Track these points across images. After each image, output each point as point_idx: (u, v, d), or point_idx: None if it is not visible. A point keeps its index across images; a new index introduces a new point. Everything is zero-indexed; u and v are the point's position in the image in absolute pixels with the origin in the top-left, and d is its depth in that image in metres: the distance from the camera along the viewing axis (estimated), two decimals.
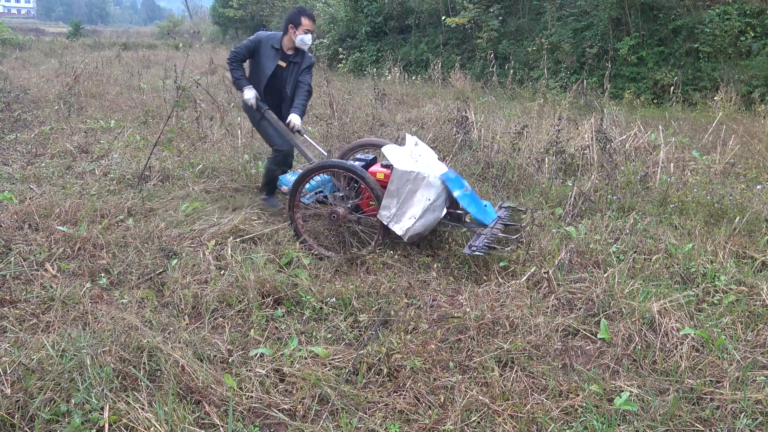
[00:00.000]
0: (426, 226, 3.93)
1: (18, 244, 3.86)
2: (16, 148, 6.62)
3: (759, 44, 10.72)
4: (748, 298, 3.42)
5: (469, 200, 4.00)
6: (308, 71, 4.70)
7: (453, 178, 4.00)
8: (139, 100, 9.73)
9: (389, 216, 3.91)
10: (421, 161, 4.12)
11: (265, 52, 4.60)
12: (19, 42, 22.14)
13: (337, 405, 2.48)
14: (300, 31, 4.53)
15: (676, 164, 5.82)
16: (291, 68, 4.66)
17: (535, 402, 2.56)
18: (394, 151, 4.10)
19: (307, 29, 4.54)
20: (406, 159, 4.07)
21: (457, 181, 4.03)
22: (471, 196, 4.04)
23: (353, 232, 4.15)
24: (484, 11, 14.62)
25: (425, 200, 3.86)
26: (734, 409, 2.51)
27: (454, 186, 3.99)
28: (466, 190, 4.03)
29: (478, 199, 4.09)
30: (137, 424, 2.25)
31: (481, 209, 4.03)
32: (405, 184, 3.90)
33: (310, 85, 4.72)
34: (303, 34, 4.53)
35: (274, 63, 4.60)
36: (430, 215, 3.92)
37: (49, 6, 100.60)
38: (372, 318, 3.14)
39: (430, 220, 3.93)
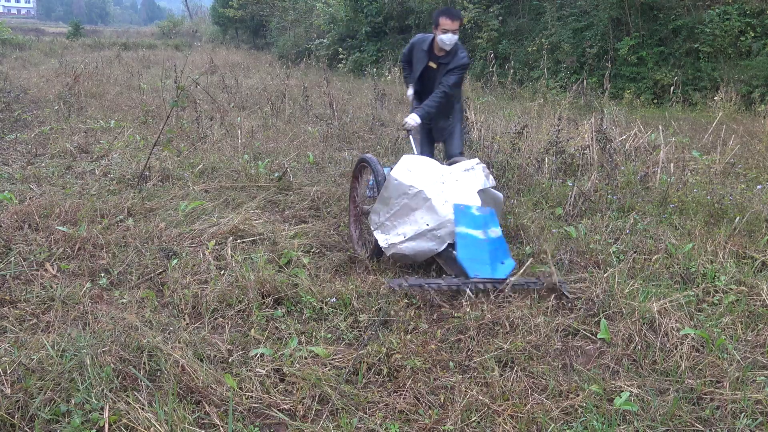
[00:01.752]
0: (416, 251, 3.58)
1: (18, 244, 3.86)
2: (16, 148, 6.62)
3: (759, 44, 10.72)
4: (748, 298, 3.42)
5: (471, 243, 3.44)
6: (453, 72, 4.35)
7: (468, 212, 3.51)
8: (139, 100, 9.73)
9: (377, 222, 3.73)
10: (446, 183, 3.67)
11: (417, 54, 4.52)
12: (19, 42, 22.17)
13: (337, 405, 2.48)
14: (439, 32, 4.29)
15: (676, 164, 5.82)
16: (441, 69, 4.41)
17: (535, 402, 2.56)
18: (414, 162, 3.80)
19: (445, 29, 4.25)
20: (421, 173, 3.69)
21: (477, 219, 3.50)
22: (480, 242, 3.45)
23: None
24: (484, 11, 14.62)
25: (423, 224, 3.54)
26: (734, 409, 2.51)
27: (465, 221, 3.49)
28: (481, 234, 3.46)
29: (494, 251, 3.46)
30: (137, 424, 2.24)
31: (478, 258, 3.41)
32: (400, 196, 3.62)
33: (451, 86, 4.34)
34: (442, 34, 4.27)
35: (422, 65, 4.48)
36: (425, 243, 3.54)
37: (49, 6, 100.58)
38: (372, 318, 3.14)
39: (423, 248, 3.55)
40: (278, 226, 4.44)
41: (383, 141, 7.18)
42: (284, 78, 12.48)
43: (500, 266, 3.44)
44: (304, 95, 9.48)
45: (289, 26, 22.44)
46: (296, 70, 15.84)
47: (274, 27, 23.82)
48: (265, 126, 8.05)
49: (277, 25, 23.58)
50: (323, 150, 6.80)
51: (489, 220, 3.57)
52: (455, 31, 4.27)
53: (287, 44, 21.23)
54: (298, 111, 9.17)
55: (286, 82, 11.64)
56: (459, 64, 4.35)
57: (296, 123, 8.30)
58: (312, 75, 14.72)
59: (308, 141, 7.20)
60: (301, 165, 6.14)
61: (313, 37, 20.25)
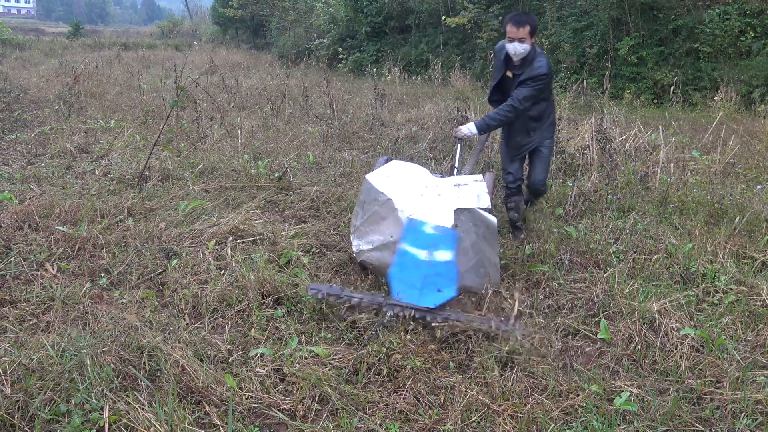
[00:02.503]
0: (381, 263, 3.39)
1: (18, 244, 3.86)
2: (16, 148, 6.62)
3: (759, 44, 10.72)
4: (748, 298, 3.42)
5: (408, 262, 3.13)
6: (525, 84, 3.87)
7: (418, 229, 3.17)
8: (139, 100, 9.73)
9: (354, 226, 3.62)
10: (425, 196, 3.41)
11: (497, 63, 4.19)
12: (19, 42, 22.17)
13: (338, 405, 2.48)
14: (507, 40, 3.92)
15: (676, 164, 5.82)
16: (515, 80, 3.99)
17: (535, 402, 2.56)
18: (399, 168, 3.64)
19: (510, 37, 3.86)
20: (399, 181, 3.48)
21: (426, 238, 3.15)
22: (418, 263, 3.12)
23: None
24: (484, 11, 14.62)
25: (388, 235, 3.34)
26: (734, 409, 2.51)
27: (410, 238, 3.18)
28: (424, 255, 3.11)
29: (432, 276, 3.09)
30: (137, 424, 2.25)
31: (408, 280, 3.09)
32: (372, 202, 3.43)
33: (521, 100, 3.85)
34: (508, 42, 3.90)
35: (499, 74, 4.14)
36: (389, 255, 3.31)
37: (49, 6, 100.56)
38: (372, 318, 3.14)
39: (386, 260, 3.32)
40: (278, 226, 4.44)
41: (383, 141, 7.18)
42: (284, 78, 12.48)
43: (433, 294, 3.05)
44: (304, 95, 9.48)
45: (289, 26, 22.44)
46: (296, 70, 15.84)
47: (274, 27, 23.82)
48: (265, 126, 8.05)
49: (277, 25, 23.57)
50: (323, 150, 6.80)
51: (441, 242, 3.17)
52: (522, 40, 3.83)
53: (287, 44, 21.23)
54: (298, 111, 9.17)
55: (286, 82, 11.64)
56: (531, 75, 3.85)
57: (296, 123, 8.30)
58: (312, 75, 14.72)
59: (308, 141, 7.19)
60: (301, 165, 6.14)
61: (313, 37, 20.25)
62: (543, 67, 3.86)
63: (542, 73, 3.85)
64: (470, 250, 3.26)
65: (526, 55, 3.90)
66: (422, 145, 6.85)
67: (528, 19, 3.87)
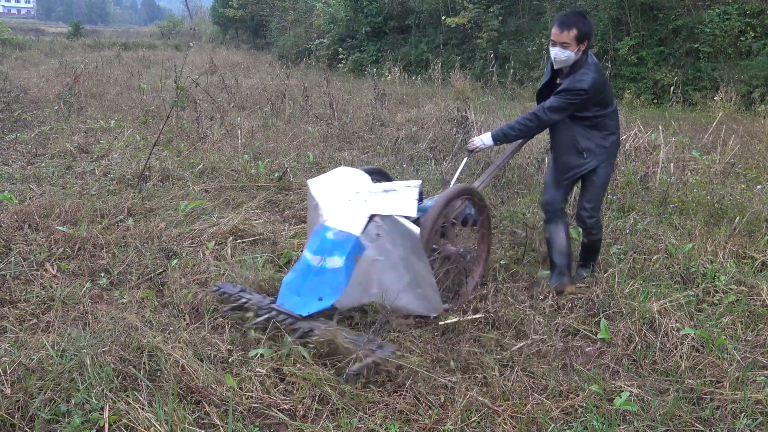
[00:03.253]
0: None
1: (18, 244, 3.86)
2: (16, 148, 6.62)
3: (759, 44, 10.72)
4: (748, 298, 3.42)
5: (300, 268, 3.03)
6: (559, 94, 3.38)
7: (321, 234, 3.05)
8: (139, 100, 9.73)
9: (308, 228, 3.49)
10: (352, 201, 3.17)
11: (548, 65, 3.67)
12: (19, 42, 22.17)
13: (337, 405, 2.48)
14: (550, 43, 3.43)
15: (676, 164, 5.82)
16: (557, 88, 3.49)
17: (535, 402, 2.56)
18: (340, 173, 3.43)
19: (552, 40, 3.38)
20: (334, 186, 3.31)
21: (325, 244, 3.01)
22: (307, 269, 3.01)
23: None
24: (484, 11, 14.62)
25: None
26: (734, 409, 2.51)
27: (311, 244, 3.07)
28: (316, 261, 2.99)
29: (316, 283, 2.94)
30: (137, 424, 2.24)
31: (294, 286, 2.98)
32: (311, 208, 3.32)
33: (547, 109, 3.38)
34: (551, 45, 3.41)
35: (546, 77, 3.67)
36: None
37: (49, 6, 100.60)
38: (372, 318, 3.14)
39: None
40: (278, 226, 4.44)
41: (383, 141, 7.18)
42: (284, 78, 12.47)
43: (312, 302, 2.90)
44: (304, 95, 9.48)
45: (289, 26, 22.45)
46: (296, 70, 15.84)
47: (274, 27, 23.82)
48: (265, 126, 8.05)
49: (277, 25, 23.58)
50: (323, 150, 6.80)
51: (337, 248, 2.96)
52: (565, 45, 3.32)
53: (287, 44, 21.24)
54: (298, 111, 9.17)
55: (286, 82, 11.64)
56: (568, 86, 3.34)
57: (296, 123, 8.30)
58: (312, 75, 14.72)
59: (308, 141, 7.19)
60: (301, 165, 6.14)
61: (313, 37, 20.25)
62: (585, 81, 3.31)
63: (580, 88, 3.31)
64: (400, 265, 2.95)
65: (572, 64, 3.39)
66: (422, 145, 6.85)
67: (576, 21, 3.33)
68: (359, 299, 3.02)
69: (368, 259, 2.96)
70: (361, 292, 2.99)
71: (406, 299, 3.01)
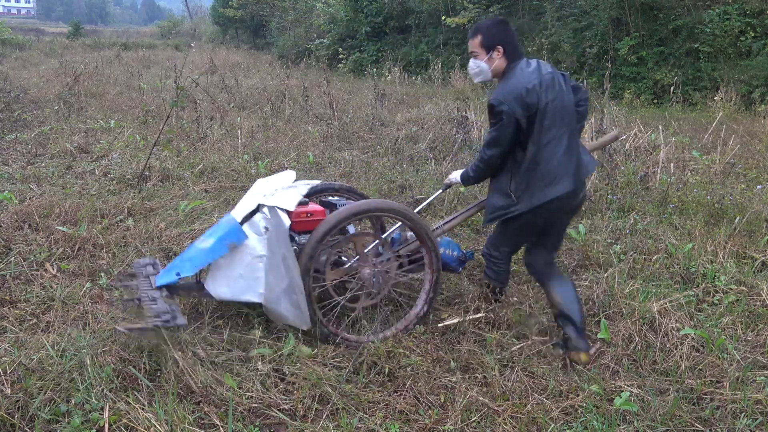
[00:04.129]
0: None
1: (18, 244, 3.86)
2: (16, 148, 6.62)
3: (759, 44, 10.72)
4: (748, 298, 3.42)
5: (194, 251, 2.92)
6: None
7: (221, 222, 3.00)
8: (139, 100, 9.73)
9: None
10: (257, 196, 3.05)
11: None
12: (19, 42, 22.16)
13: (338, 405, 2.48)
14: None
15: (676, 164, 5.82)
16: None
17: (535, 402, 2.56)
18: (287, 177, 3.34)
19: (470, 50, 2.95)
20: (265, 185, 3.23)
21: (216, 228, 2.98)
22: (186, 250, 3.01)
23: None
24: (484, 11, 14.63)
25: None
26: (734, 409, 2.51)
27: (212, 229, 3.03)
28: (198, 242, 2.96)
29: (182, 260, 2.89)
30: (137, 424, 2.24)
31: (169, 267, 2.92)
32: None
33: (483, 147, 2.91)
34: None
35: None
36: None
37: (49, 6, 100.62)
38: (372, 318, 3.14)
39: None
40: None
41: (383, 141, 7.18)
42: (284, 78, 12.47)
43: (169, 275, 2.86)
44: (304, 95, 9.48)
45: (289, 26, 22.45)
46: (296, 70, 15.84)
47: (274, 27, 23.83)
48: (265, 126, 8.05)
49: (277, 25, 23.58)
50: (323, 150, 6.80)
51: (216, 230, 2.96)
52: (474, 54, 2.89)
53: (287, 44, 21.24)
54: (298, 111, 9.17)
55: (286, 82, 11.64)
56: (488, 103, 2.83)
57: (296, 123, 8.30)
58: (312, 75, 14.72)
59: (308, 141, 7.19)
60: (301, 165, 6.14)
61: (313, 37, 20.26)
62: (493, 97, 2.76)
63: (490, 106, 2.77)
64: (281, 266, 2.81)
65: (492, 79, 2.92)
66: (422, 145, 6.85)
67: (481, 27, 2.87)
68: (241, 294, 2.84)
69: (255, 253, 2.81)
70: (244, 286, 2.82)
71: (285, 305, 2.84)
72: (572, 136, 2.83)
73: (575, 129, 2.90)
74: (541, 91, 2.74)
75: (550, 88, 2.76)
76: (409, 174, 5.74)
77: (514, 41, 2.87)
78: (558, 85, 2.81)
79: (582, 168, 2.88)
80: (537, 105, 2.72)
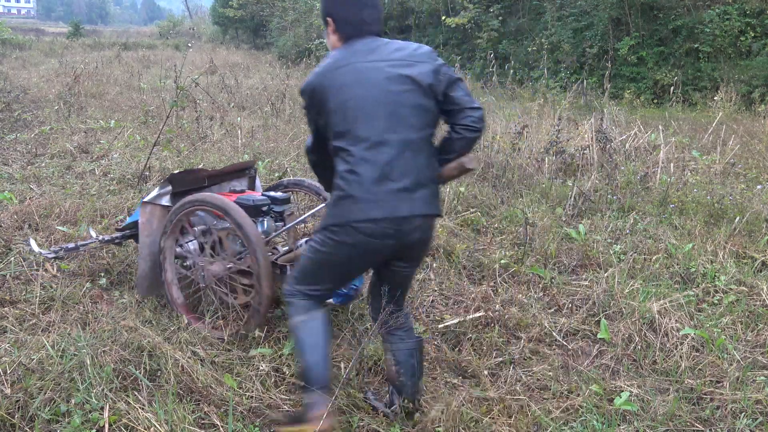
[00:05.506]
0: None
1: (18, 244, 3.86)
2: (16, 148, 6.62)
3: (759, 44, 10.73)
4: (748, 298, 3.42)
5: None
6: None
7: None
8: (139, 100, 9.72)
9: None
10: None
11: None
12: (19, 42, 22.14)
13: (338, 405, 2.48)
14: None
15: (676, 164, 5.82)
16: None
17: (535, 402, 2.56)
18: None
19: None
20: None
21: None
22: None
23: None
24: (484, 11, 14.63)
25: None
26: (734, 409, 2.51)
27: None
28: None
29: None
30: (137, 424, 2.24)
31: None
32: None
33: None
34: None
35: None
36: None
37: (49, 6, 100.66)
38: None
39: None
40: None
41: None
42: (284, 78, 12.46)
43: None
44: None
45: (289, 26, 22.44)
46: (296, 70, 15.83)
47: (274, 27, 23.81)
48: (265, 126, 8.04)
49: (277, 25, 23.57)
50: None
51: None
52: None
53: (287, 44, 21.23)
54: (298, 111, 9.16)
55: (286, 82, 11.62)
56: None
57: (296, 123, 8.29)
58: None
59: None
60: (301, 165, 6.14)
61: (313, 37, 20.23)
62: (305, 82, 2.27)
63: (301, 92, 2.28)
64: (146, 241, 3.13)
65: None
66: None
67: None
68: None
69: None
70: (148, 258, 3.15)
71: (140, 268, 3.18)
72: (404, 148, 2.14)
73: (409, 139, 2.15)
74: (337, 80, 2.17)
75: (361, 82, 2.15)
76: None
77: (350, 15, 2.29)
78: (383, 82, 2.15)
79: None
80: (326, 100, 2.17)
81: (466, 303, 3.32)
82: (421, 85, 2.17)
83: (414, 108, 2.17)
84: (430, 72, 2.20)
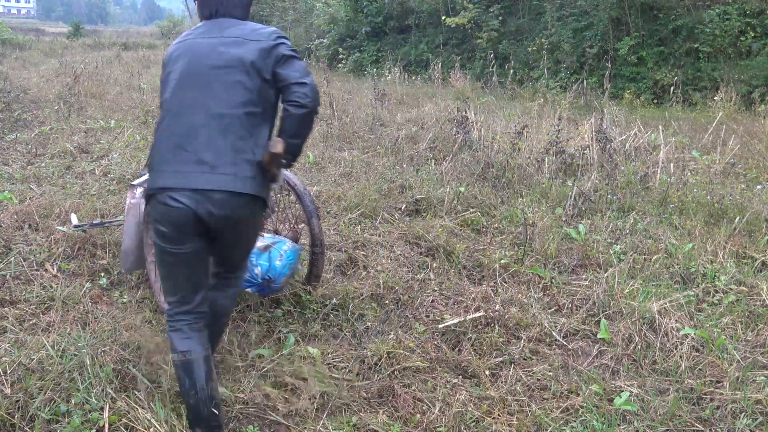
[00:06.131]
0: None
1: (18, 244, 3.86)
2: (16, 148, 6.62)
3: (759, 44, 10.73)
4: (748, 298, 3.42)
5: None
6: None
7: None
8: (139, 100, 9.72)
9: None
10: None
11: None
12: (19, 42, 22.13)
13: (338, 405, 2.48)
14: None
15: (676, 164, 5.82)
16: None
17: (535, 402, 2.56)
18: None
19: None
20: None
21: None
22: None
23: None
24: (484, 11, 14.63)
25: None
26: (734, 409, 2.51)
27: None
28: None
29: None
30: (137, 424, 2.25)
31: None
32: None
33: None
34: None
35: None
36: None
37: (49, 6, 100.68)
38: (373, 318, 3.14)
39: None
40: (278, 225, 4.43)
41: (383, 141, 7.17)
42: None
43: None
44: None
45: (289, 26, 22.44)
46: None
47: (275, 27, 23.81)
48: None
49: (277, 25, 23.56)
50: (323, 150, 6.80)
51: None
52: None
53: None
54: None
55: None
56: None
57: None
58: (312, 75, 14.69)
59: (308, 141, 7.18)
60: (301, 165, 6.14)
61: (313, 37, 20.26)
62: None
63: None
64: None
65: None
66: (422, 145, 6.84)
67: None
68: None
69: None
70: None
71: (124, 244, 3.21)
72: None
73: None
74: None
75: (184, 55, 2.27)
76: (408, 174, 5.74)
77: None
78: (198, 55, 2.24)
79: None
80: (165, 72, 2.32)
81: (466, 303, 3.32)
82: (243, 63, 2.17)
83: (230, 84, 2.16)
84: (257, 50, 2.20)
